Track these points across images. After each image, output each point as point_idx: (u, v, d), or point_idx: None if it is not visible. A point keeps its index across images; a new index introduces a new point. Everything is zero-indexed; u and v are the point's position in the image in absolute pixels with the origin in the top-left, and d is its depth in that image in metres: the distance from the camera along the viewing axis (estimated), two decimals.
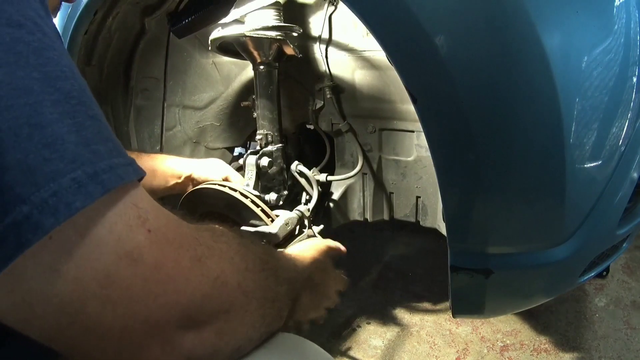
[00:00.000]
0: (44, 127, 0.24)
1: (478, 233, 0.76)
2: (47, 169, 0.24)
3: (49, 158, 0.24)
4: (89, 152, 0.26)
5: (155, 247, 0.30)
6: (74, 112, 0.26)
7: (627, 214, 0.83)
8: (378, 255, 1.96)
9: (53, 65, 0.26)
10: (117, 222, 0.27)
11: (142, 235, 0.29)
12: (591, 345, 1.35)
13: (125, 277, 0.28)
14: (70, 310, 0.27)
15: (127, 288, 0.28)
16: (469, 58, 0.64)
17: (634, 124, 0.72)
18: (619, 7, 0.67)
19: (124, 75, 1.36)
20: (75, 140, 0.25)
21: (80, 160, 0.25)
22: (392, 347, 1.40)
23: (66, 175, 0.24)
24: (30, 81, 0.24)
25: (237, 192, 1.02)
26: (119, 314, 0.28)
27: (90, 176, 0.25)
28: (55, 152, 0.24)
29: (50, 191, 0.24)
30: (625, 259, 1.76)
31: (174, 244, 0.31)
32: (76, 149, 0.25)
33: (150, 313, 0.30)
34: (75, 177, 0.25)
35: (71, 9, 1.06)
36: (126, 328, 0.29)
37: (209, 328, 0.34)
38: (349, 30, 1.11)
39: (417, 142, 1.11)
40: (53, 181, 0.24)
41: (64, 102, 0.25)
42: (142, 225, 0.29)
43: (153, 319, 0.30)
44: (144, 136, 1.49)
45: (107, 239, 0.27)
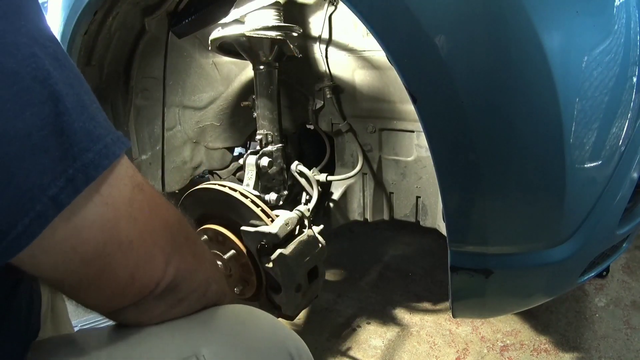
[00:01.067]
0: (87, 107, 0.36)
1: (478, 233, 0.76)
2: (97, 132, 0.35)
3: (95, 126, 0.36)
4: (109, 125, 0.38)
5: (148, 184, 0.42)
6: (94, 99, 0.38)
7: (627, 214, 0.83)
8: (378, 255, 1.96)
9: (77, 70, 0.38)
10: (129, 166, 0.40)
11: (140, 176, 0.41)
12: (591, 345, 1.35)
13: (139, 200, 0.40)
14: (108, 227, 0.37)
15: (141, 208, 0.40)
16: (469, 58, 0.64)
17: (634, 124, 0.72)
18: (619, 7, 0.67)
19: (124, 75, 1.36)
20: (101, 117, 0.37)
21: (109, 129, 0.37)
22: (392, 347, 1.40)
23: (107, 136, 0.36)
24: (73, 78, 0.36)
25: (237, 192, 1.02)
26: (139, 229, 0.39)
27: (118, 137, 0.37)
28: (97, 123, 0.36)
29: (102, 145, 0.35)
30: (625, 259, 1.76)
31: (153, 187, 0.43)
32: (105, 123, 0.37)
33: (154, 228, 0.42)
34: (112, 137, 0.37)
35: (71, 9, 1.06)
36: (142, 239, 0.40)
37: (187, 248, 0.46)
38: (349, 30, 1.11)
39: (417, 142, 1.11)
40: (101, 140, 0.36)
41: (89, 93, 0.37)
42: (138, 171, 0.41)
43: (157, 232, 0.42)
44: (144, 136, 1.49)
45: (127, 175, 0.39)
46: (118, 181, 0.38)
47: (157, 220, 0.42)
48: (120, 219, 0.38)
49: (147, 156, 1.51)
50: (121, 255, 0.38)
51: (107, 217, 0.37)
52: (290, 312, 1.05)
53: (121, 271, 0.39)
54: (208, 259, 0.51)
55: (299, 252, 0.99)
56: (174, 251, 0.43)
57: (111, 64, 1.29)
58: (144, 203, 0.40)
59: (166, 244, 0.43)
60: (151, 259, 0.41)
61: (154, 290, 0.42)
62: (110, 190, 0.37)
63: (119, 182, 0.38)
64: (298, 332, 1.49)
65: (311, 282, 1.05)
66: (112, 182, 0.37)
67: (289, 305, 1.03)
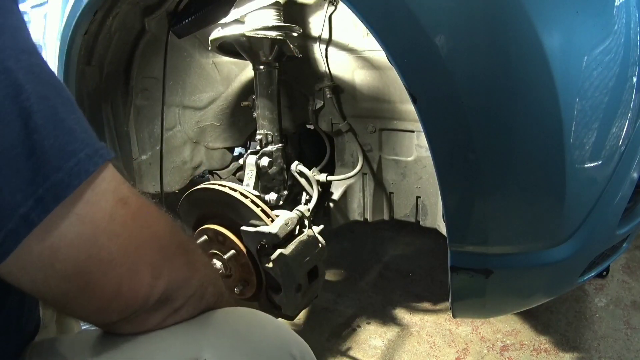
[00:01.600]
0: (63, 120, 0.35)
1: (478, 233, 0.76)
2: (70, 148, 0.35)
3: (70, 141, 0.35)
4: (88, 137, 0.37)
5: (135, 196, 0.41)
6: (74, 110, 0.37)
7: (627, 214, 0.83)
8: (378, 255, 1.96)
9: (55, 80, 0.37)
10: (112, 179, 0.39)
11: (126, 188, 0.40)
12: (591, 345, 1.35)
13: (122, 215, 0.39)
14: (87, 246, 0.36)
15: (124, 223, 0.39)
16: (469, 58, 0.64)
17: (634, 124, 0.72)
18: (619, 7, 0.67)
19: (124, 75, 1.36)
20: (80, 129, 0.36)
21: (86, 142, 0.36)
22: (392, 347, 1.40)
23: (82, 151, 0.35)
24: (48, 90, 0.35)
25: (237, 192, 1.02)
26: (120, 244, 0.38)
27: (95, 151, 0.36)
28: (72, 137, 0.35)
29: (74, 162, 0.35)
30: (625, 259, 1.76)
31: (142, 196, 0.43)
32: (82, 135, 0.36)
33: (140, 241, 0.41)
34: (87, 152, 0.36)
35: (71, 9, 1.06)
36: (125, 255, 0.39)
37: (179, 258, 0.45)
38: (349, 30, 1.11)
39: (417, 142, 1.11)
40: (75, 156, 0.35)
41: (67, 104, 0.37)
42: (124, 183, 0.41)
43: (143, 246, 0.41)
44: (144, 136, 1.49)
45: (108, 189, 0.38)
46: (98, 197, 0.37)
47: (143, 234, 0.41)
48: (99, 236, 0.37)
49: (147, 156, 1.51)
50: (102, 272, 0.38)
51: (85, 235, 0.36)
52: (290, 312, 1.05)
53: (104, 287, 0.38)
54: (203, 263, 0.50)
55: (299, 252, 0.99)
56: (164, 263, 0.43)
57: (111, 64, 1.29)
58: (128, 217, 0.39)
59: (154, 257, 0.42)
60: (136, 274, 0.40)
61: (144, 304, 0.41)
62: (87, 207, 0.36)
63: (99, 198, 0.37)
64: (298, 332, 1.49)
65: (311, 282, 1.05)
66: (90, 199, 0.36)
67: (289, 305, 1.03)
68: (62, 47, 1.13)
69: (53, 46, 1.20)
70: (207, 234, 1.07)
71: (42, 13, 1.47)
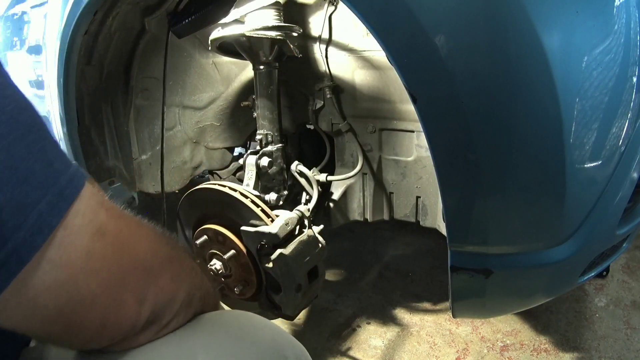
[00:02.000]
0: (17, 167, 0.31)
1: (478, 233, 0.76)
2: (28, 200, 0.31)
3: (27, 190, 0.31)
4: (52, 173, 0.33)
5: (113, 220, 0.38)
6: (36, 140, 0.33)
7: (627, 214, 0.83)
8: (378, 255, 1.96)
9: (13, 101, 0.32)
10: (86, 210, 0.36)
11: (103, 214, 0.37)
12: (591, 345, 1.35)
13: (99, 248, 0.36)
14: (66, 289, 0.34)
15: (103, 257, 0.37)
16: (469, 58, 0.64)
17: (634, 124, 0.72)
18: (619, 7, 0.67)
19: (124, 75, 1.36)
20: (41, 167, 0.32)
21: (48, 183, 0.32)
22: (392, 347, 1.40)
23: (42, 200, 0.32)
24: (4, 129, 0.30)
25: (237, 192, 1.02)
26: (101, 280, 0.37)
27: (58, 195, 0.33)
28: (30, 185, 0.31)
29: (34, 217, 0.31)
30: (625, 259, 1.76)
31: (122, 216, 0.40)
32: (43, 175, 0.32)
33: (121, 270, 0.38)
34: (48, 200, 0.32)
35: (71, 9, 1.06)
36: (108, 289, 0.37)
37: (163, 276, 0.43)
38: (349, 30, 1.11)
39: (417, 142, 1.11)
40: (34, 209, 0.31)
41: (27, 134, 0.32)
42: (102, 206, 0.38)
43: (125, 275, 0.39)
44: (144, 136, 1.49)
45: (82, 225, 0.35)
46: (71, 237, 0.34)
47: (125, 262, 0.39)
48: (77, 276, 0.35)
49: (147, 156, 1.51)
50: (85, 310, 0.36)
51: (62, 280, 0.34)
52: (290, 312, 1.05)
53: (89, 324, 0.37)
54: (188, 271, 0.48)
55: (299, 252, 0.99)
56: (149, 285, 0.41)
57: (111, 63, 1.29)
58: (107, 249, 0.37)
59: (138, 283, 0.40)
60: (121, 304, 0.39)
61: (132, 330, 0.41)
62: (61, 251, 0.34)
63: (73, 237, 0.34)
64: (298, 332, 1.49)
65: (311, 282, 1.05)
66: (63, 242, 0.34)
67: (289, 305, 1.03)
68: (62, 47, 1.13)
69: (53, 46, 1.20)
70: (207, 234, 1.07)
71: (42, 13, 1.47)
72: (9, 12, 1.76)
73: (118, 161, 1.46)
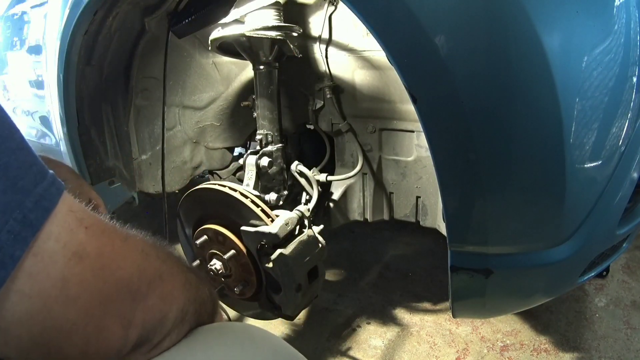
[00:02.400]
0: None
1: (478, 233, 0.76)
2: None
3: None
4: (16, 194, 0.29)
5: (94, 239, 0.35)
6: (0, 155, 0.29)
7: (627, 214, 0.83)
8: (378, 255, 1.96)
9: None
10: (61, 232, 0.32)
11: (82, 233, 0.34)
12: (591, 345, 1.35)
13: (77, 274, 0.33)
14: (40, 319, 0.32)
15: (81, 282, 0.33)
16: (469, 58, 0.64)
17: (634, 124, 0.72)
18: (619, 7, 0.67)
19: (124, 75, 1.36)
20: (3, 188, 0.29)
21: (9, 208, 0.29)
22: (392, 347, 1.40)
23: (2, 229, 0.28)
24: None
25: (237, 192, 1.02)
26: (80, 307, 0.34)
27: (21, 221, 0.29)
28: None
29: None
30: (625, 259, 1.76)
31: (106, 232, 0.37)
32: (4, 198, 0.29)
33: (103, 295, 0.35)
34: (9, 229, 0.29)
35: (71, 9, 1.06)
36: (88, 316, 0.34)
37: (152, 295, 0.40)
38: (349, 30, 1.11)
39: (417, 142, 1.11)
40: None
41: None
42: (81, 224, 0.34)
43: (108, 299, 0.36)
44: (144, 136, 1.49)
45: (55, 249, 0.32)
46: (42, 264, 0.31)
47: (106, 285, 0.36)
48: (52, 305, 0.32)
49: (147, 156, 1.51)
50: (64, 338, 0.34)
51: (35, 310, 0.31)
52: (290, 312, 1.05)
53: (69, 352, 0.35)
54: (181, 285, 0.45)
55: (299, 252, 0.99)
56: (136, 307, 0.38)
57: (111, 64, 1.29)
58: (85, 273, 0.34)
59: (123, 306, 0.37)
60: (103, 331, 0.36)
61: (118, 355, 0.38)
62: (31, 281, 0.31)
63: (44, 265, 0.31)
64: (298, 332, 1.49)
65: (311, 282, 1.05)
66: (33, 270, 0.31)
67: (289, 305, 1.03)
68: (62, 47, 1.13)
69: (53, 46, 1.20)
70: (207, 234, 1.07)
71: (42, 13, 1.46)
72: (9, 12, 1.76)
73: (118, 161, 1.46)
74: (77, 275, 0.33)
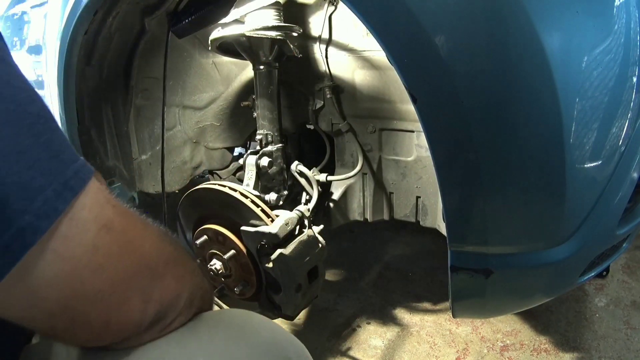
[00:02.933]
0: (25, 152, 0.31)
1: (478, 233, 0.76)
2: (35, 185, 0.31)
3: (33, 176, 0.31)
4: (59, 163, 0.33)
5: (120, 217, 0.38)
6: (43, 130, 0.33)
7: (627, 214, 0.83)
8: (378, 255, 1.96)
9: (22, 92, 0.32)
10: (93, 204, 0.35)
11: (110, 209, 0.37)
12: (591, 345, 1.35)
13: (105, 244, 0.36)
14: (69, 283, 0.34)
15: (109, 253, 0.36)
16: (469, 58, 0.64)
17: (634, 124, 0.72)
18: (619, 7, 0.67)
19: (124, 75, 1.36)
20: (48, 156, 0.32)
21: (54, 173, 0.32)
22: (392, 347, 1.40)
23: (48, 187, 0.31)
24: (8, 114, 0.31)
25: (237, 192, 1.02)
26: (107, 277, 0.36)
27: (64, 185, 0.33)
28: (37, 171, 0.31)
29: (40, 202, 0.31)
30: (625, 259, 1.76)
31: (128, 213, 0.40)
32: (50, 164, 0.32)
33: (127, 268, 0.38)
34: (54, 188, 0.32)
35: (71, 9, 1.06)
36: (113, 286, 0.36)
37: (168, 275, 0.42)
38: (349, 30, 1.11)
39: (417, 142, 1.11)
40: (40, 194, 0.31)
41: (35, 123, 0.32)
42: (108, 202, 0.37)
43: (131, 273, 0.38)
44: (144, 136, 1.49)
45: (88, 218, 0.34)
46: (77, 230, 0.34)
47: (131, 259, 0.38)
48: (82, 270, 0.34)
49: (147, 156, 1.51)
50: (89, 307, 0.36)
51: (66, 273, 0.33)
52: (290, 312, 1.05)
53: (93, 320, 0.37)
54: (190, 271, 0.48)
55: (299, 252, 0.99)
56: (154, 284, 0.41)
57: (111, 64, 1.29)
58: (113, 245, 0.36)
59: (143, 281, 0.40)
60: (126, 303, 0.38)
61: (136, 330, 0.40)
62: (66, 243, 0.33)
63: (78, 230, 0.34)
64: (298, 332, 1.49)
65: (311, 282, 1.05)
66: (69, 233, 0.33)
67: (289, 305, 1.03)
68: (62, 47, 1.13)
69: (53, 46, 1.20)
70: (207, 234, 1.07)
71: (42, 13, 1.47)
72: (9, 12, 1.76)
73: (118, 161, 1.46)
74: (105, 245, 0.36)
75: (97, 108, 1.35)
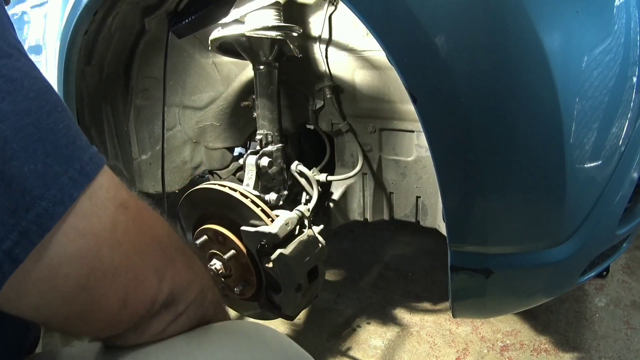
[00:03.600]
0: (44, 140, 0.32)
1: (478, 233, 0.76)
2: (51, 172, 0.32)
3: (51, 164, 0.32)
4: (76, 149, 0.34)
5: (133, 198, 0.39)
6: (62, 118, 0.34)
7: (627, 214, 0.83)
8: (378, 255, 1.96)
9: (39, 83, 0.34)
10: (110, 185, 0.37)
11: (124, 191, 0.39)
12: (591, 345, 1.35)
13: (123, 221, 0.37)
14: (89, 259, 0.35)
15: (126, 230, 0.37)
16: (469, 58, 0.64)
17: (634, 124, 0.72)
18: (619, 7, 0.67)
19: (124, 75, 1.36)
20: (66, 143, 0.34)
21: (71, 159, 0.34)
22: (392, 347, 1.40)
23: (64, 174, 0.33)
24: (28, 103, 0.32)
25: (237, 192, 1.02)
26: (124, 253, 0.37)
27: (79, 171, 0.34)
28: (54, 159, 0.32)
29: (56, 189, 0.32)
30: (625, 259, 1.76)
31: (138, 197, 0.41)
32: (67, 151, 0.34)
33: (143, 246, 0.39)
34: (70, 175, 0.33)
35: (71, 9, 1.06)
36: (130, 263, 0.38)
37: (179, 260, 0.44)
38: (349, 30, 1.11)
39: (417, 142, 1.11)
40: (57, 181, 0.32)
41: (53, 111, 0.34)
42: (122, 185, 0.39)
43: (146, 250, 0.40)
44: (144, 136, 1.49)
45: (107, 197, 0.36)
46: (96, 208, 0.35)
47: (145, 238, 0.40)
48: (102, 246, 0.35)
49: (147, 156, 1.51)
50: (107, 284, 0.36)
51: (87, 248, 0.34)
52: (290, 312, 1.05)
53: (110, 300, 0.37)
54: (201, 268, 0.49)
55: (299, 252, 0.99)
56: (167, 265, 0.42)
57: (111, 63, 1.29)
58: (129, 223, 0.38)
59: (157, 260, 0.41)
60: (142, 280, 0.39)
61: (151, 309, 0.40)
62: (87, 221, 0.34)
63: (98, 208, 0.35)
64: (298, 332, 1.49)
65: (311, 282, 1.05)
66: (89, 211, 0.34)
67: (289, 305, 1.03)
68: (62, 47, 1.13)
69: (53, 46, 1.20)
70: (207, 234, 1.07)
71: (42, 13, 1.47)
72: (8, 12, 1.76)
73: (118, 161, 1.46)
74: (123, 222, 0.37)
75: (97, 108, 1.35)
